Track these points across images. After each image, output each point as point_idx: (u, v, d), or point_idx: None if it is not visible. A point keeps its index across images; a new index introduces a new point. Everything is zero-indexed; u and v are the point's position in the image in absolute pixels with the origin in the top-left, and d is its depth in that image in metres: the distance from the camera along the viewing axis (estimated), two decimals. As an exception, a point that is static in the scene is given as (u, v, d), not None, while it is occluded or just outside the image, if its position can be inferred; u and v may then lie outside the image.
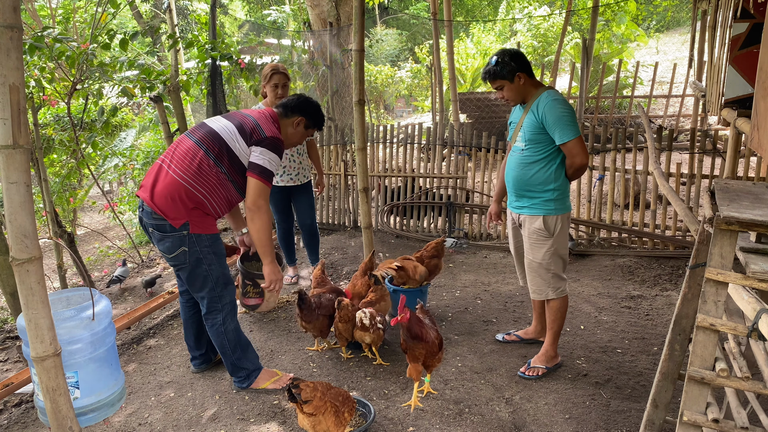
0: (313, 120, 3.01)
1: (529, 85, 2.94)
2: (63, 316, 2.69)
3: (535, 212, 3.02)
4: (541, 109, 2.87)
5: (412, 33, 20.68)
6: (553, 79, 9.97)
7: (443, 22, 8.35)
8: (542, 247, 3.03)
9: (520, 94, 2.96)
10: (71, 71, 4.59)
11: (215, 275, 2.84)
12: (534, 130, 2.92)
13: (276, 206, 4.46)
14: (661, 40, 17.19)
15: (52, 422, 2.12)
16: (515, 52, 2.92)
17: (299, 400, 2.37)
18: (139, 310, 3.98)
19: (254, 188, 2.72)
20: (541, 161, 2.96)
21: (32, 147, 4.53)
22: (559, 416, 2.77)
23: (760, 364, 1.65)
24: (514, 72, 2.88)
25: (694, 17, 8.51)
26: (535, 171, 2.97)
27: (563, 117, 2.83)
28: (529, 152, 2.97)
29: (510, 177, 3.10)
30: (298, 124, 2.95)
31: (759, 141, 2.99)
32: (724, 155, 4.79)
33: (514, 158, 3.05)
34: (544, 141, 2.92)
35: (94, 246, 8.33)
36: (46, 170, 4.97)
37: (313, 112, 2.99)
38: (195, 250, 2.76)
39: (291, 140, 2.99)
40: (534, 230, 3.03)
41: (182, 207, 2.70)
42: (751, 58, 4.70)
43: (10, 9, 1.79)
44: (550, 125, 2.84)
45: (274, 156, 2.76)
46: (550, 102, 2.85)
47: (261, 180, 2.73)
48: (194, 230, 2.74)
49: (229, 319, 2.93)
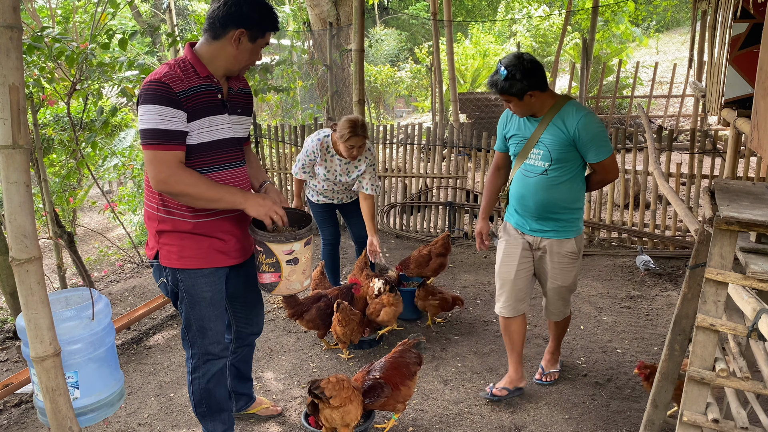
0: (258, 24, 2.06)
1: (543, 98, 2.58)
2: (63, 316, 2.69)
3: (564, 235, 2.72)
4: (572, 126, 2.54)
5: (412, 33, 20.68)
6: (553, 79, 9.96)
7: (443, 23, 8.35)
8: (573, 269, 2.80)
9: (529, 110, 2.62)
10: (71, 71, 4.58)
11: (186, 316, 2.29)
12: (563, 148, 2.58)
13: (323, 220, 4.05)
14: (661, 40, 17.19)
15: (51, 422, 2.12)
16: (528, 67, 2.47)
17: (325, 399, 2.33)
18: (139, 310, 3.98)
19: (148, 162, 1.99)
20: (569, 181, 2.65)
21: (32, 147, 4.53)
22: (559, 416, 2.77)
23: (760, 364, 1.65)
24: (524, 92, 2.50)
25: (694, 17, 8.50)
26: (563, 192, 2.66)
27: (600, 134, 2.55)
28: (556, 173, 2.63)
29: (530, 201, 2.71)
30: (238, 40, 2.06)
31: (759, 141, 2.99)
32: (724, 155, 4.79)
33: (534, 181, 2.67)
34: (573, 159, 2.62)
35: (93, 246, 8.32)
36: (45, 170, 4.96)
37: (251, 14, 2.05)
38: (170, 284, 2.25)
39: (241, 63, 2.13)
40: (565, 254, 2.75)
41: (151, 234, 2.22)
42: (751, 58, 4.69)
43: (10, 9, 1.79)
44: (585, 143, 2.55)
45: (149, 107, 1.97)
46: (584, 118, 2.53)
47: (150, 147, 1.98)
48: (164, 262, 2.20)
49: (200, 374, 2.37)
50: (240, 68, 2.16)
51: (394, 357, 2.69)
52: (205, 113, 2.07)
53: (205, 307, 2.26)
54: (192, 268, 2.19)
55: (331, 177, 3.76)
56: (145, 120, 1.97)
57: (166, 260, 2.18)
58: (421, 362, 2.72)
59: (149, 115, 1.96)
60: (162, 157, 1.97)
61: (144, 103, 1.97)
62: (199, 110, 2.05)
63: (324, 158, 3.70)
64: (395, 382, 2.57)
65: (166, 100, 1.96)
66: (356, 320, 3.26)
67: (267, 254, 2.20)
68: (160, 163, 1.98)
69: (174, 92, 1.98)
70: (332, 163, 3.72)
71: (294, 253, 2.21)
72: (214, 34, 2.07)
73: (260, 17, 2.06)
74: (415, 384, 2.67)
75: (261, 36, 2.10)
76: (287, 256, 2.21)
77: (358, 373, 2.67)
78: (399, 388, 2.57)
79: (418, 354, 2.72)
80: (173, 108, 1.97)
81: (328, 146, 3.69)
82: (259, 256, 2.24)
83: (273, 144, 6.33)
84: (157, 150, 1.97)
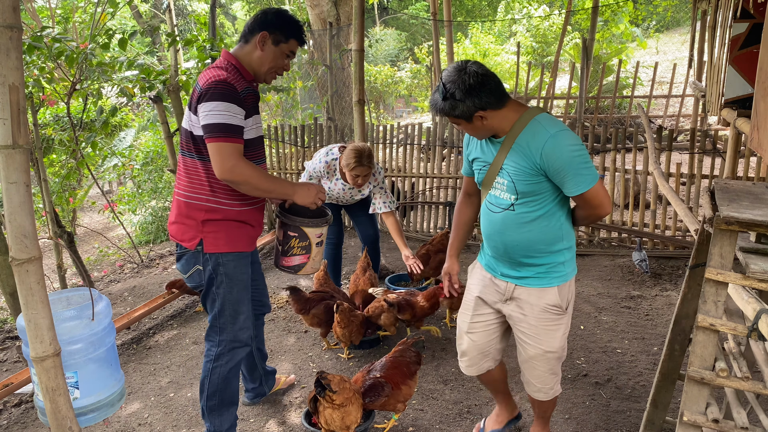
0: (280, 29, 2.30)
1: (502, 116, 1.98)
2: (63, 316, 2.69)
3: (543, 283, 2.10)
4: (538, 149, 1.92)
5: (412, 33, 20.67)
6: (553, 79, 9.97)
7: (443, 23, 8.35)
8: (557, 329, 2.14)
9: (486, 132, 2.03)
10: (70, 71, 4.59)
11: (221, 301, 2.41)
12: (529, 178, 1.98)
13: None
14: (661, 40, 17.20)
15: (51, 422, 2.12)
16: (471, 83, 1.89)
17: (330, 390, 2.29)
18: (139, 310, 3.98)
19: (215, 152, 2.15)
20: (544, 217, 2.05)
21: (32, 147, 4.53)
22: (559, 416, 2.77)
23: (760, 364, 1.65)
24: (470, 113, 1.93)
25: (694, 17, 8.50)
26: (537, 231, 2.06)
27: (576, 158, 1.90)
28: (524, 208, 2.04)
29: (499, 241, 2.13)
30: (262, 42, 2.29)
31: (759, 141, 2.99)
32: (724, 155, 4.79)
33: (500, 217, 2.09)
34: (545, 191, 2.01)
35: (93, 246, 8.33)
36: (45, 170, 4.96)
37: (274, 20, 2.31)
38: (208, 269, 2.39)
39: (263, 65, 2.33)
40: (544, 308, 2.11)
41: (193, 226, 2.36)
42: (751, 58, 4.70)
43: (10, 9, 1.79)
44: (558, 171, 1.93)
45: (220, 104, 2.14)
46: (552, 139, 1.90)
47: (218, 139, 2.15)
48: (209, 249, 2.35)
49: (223, 362, 2.46)
50: (265, 71, 2.35)
51: (394, 356, 2.69)
52: (253, 112, 2.31)
53: (241, 290, 2.43)
54: (237, 251, 2.39)
55: (333, 195, 3.79)
56: (214, 115, 2.14)
57: (213, 246, 2.34)
58: (421, 361, 2.72)
59: (218, 111, 2.14)
60: (228, 149, 2.15)
61: (212, 100, 2.14)
62: (249, 109, 2.27)
63: (329, 179, 3.72)
64: (396, 381, 2.57)
65: (232, 98, 2.16)
66: (356, 322, 3.26)
67: (301, 238, 2.44)
68: (227, 153, 2.15)
69: (238, 92, 2.20)
70: (335, 186, 3.75)
71: (322, 235, 2.48)
72: (245, 39, 2.34)
73: (282, 23, 2.32)
74: (416, 384, 2.67)
75: (284, 41, 2.33)
76: (318, 239, 2.46)
77: (359, 373, 2.67)
78: (399, 388, 2.57)
79: (418, 353, 2.72)
80: (237, 106, 2.18)
81: (335, 170, 3.71)
82: (291, 241, 2.44)
83: (273, 144, 6.34)
84: (224, 142, 2.15)
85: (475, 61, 1.97)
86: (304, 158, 6.21)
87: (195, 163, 2.32)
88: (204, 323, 4.04)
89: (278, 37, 2.31)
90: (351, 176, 3.53)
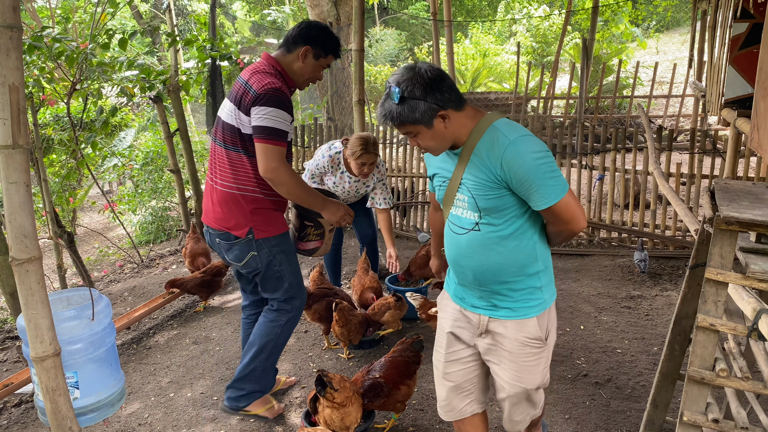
0: (322, 45, 2.51)
1: (461, 121, 1.76)
2: (63, 316, 2.69)
3: (521, 315, 1.86)
4: (496, 159, 1.71)
5: (412, 33, 20.66)
6: (553, 79, 9.98)
7: (443, 23, 8.35)
8: (537, 363, 1.92)
9: (445, 141, 1.78)
10: (71, 71, 4.59)
11: (288, 274, 2.68)
12: (489, 192, 1.76)
13: None
14: (661, 40, 17.20)
15: (51, 422, 2.12)
16: (430, 77, 1.68)
17: (331, 388, 2.29)
18: (139, 310, 3.98)
19: (262, 152, 2.36)
20: (515, 236, 1.82)
21: (32, 147, 4.53)
22: (559, 416, 2.77)
23: (760, 364, 1.65)
24: (432, 114, 1.69)
25: (694, 17, 8.51)
26: (508, 252, 1.82)
27: (540, 167, 1.69)
28: (490, 227, 1.81)
29: (466, 267, 1.89)
30: (304, 55, 2.49)
31: (759, 141, 2.99)
32: (724, 155, 4.79)
33: (465, 240, 1.86)
34: (510, 206, 1.78)
35: (93, 246, 8.33)
36: (45, 170, 4.97)
37: (318, 35, 2.50)
38: (264, 253, 2.60)
39: (302, 76, 2.55)
40: (523, 342, 1.88)
41: (241, 215, 2.54)
42: (751, 58, 4.70)
43: (10, 9, 1.79)
44: (521, 182, 1.70)
45: (274, 111, 2.35)
46: (512, 147, 1.69)
47: (267, 142, 2.35)
48: (259, 235, 2.56)
49: (290, 326, 2.76)
50: (302, 81, 2.58)
51: (393, 356, 2.69)
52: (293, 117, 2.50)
53: (295, 260, 2.73)
54: (284, 232, 2.67)
55: (339, 191, 3.78)
56: (268, 119, 2.35)
57: (264, 232, 2.57)
58: (420, 361, 2.72)
59: (272, 116, 2.36)
60: (275, 151, 2.37)
61: (268, 105, 2.35)
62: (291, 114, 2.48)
63: (334, 174, 3.71)
64: (395, 381, 2.57)
65: (284, 106, 2.39)
66: (355, 321, 3.26)
67: (317, 227, 2.83)
68: (273, 155, 2.37)
69: (290, 100, 2.44)
70: (341, 180, 3.74)
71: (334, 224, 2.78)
72: (287, 48, 2.52)
73: (324, 40, 2.51)
74: (415, 383, 2.67)
75: (323, 56, 2.54)
76: (330, 226, 2.83)
77: (358, 373, 2.67)
78: (399, 387, 2.57)
79: (417, 353, 2.72)
80: (288, 113, 2.41)
81: (339, 163, 3.70)
82: (308, 229, 2.84)
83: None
84: (272, 144, 2.37)
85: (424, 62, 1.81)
86: (304, 158, 6.20)
87: (241, 158, 2.50)
88: (204, 323, 4.05)
89: (319, 52, 2.52)
90: (357, 165, 3.53)
